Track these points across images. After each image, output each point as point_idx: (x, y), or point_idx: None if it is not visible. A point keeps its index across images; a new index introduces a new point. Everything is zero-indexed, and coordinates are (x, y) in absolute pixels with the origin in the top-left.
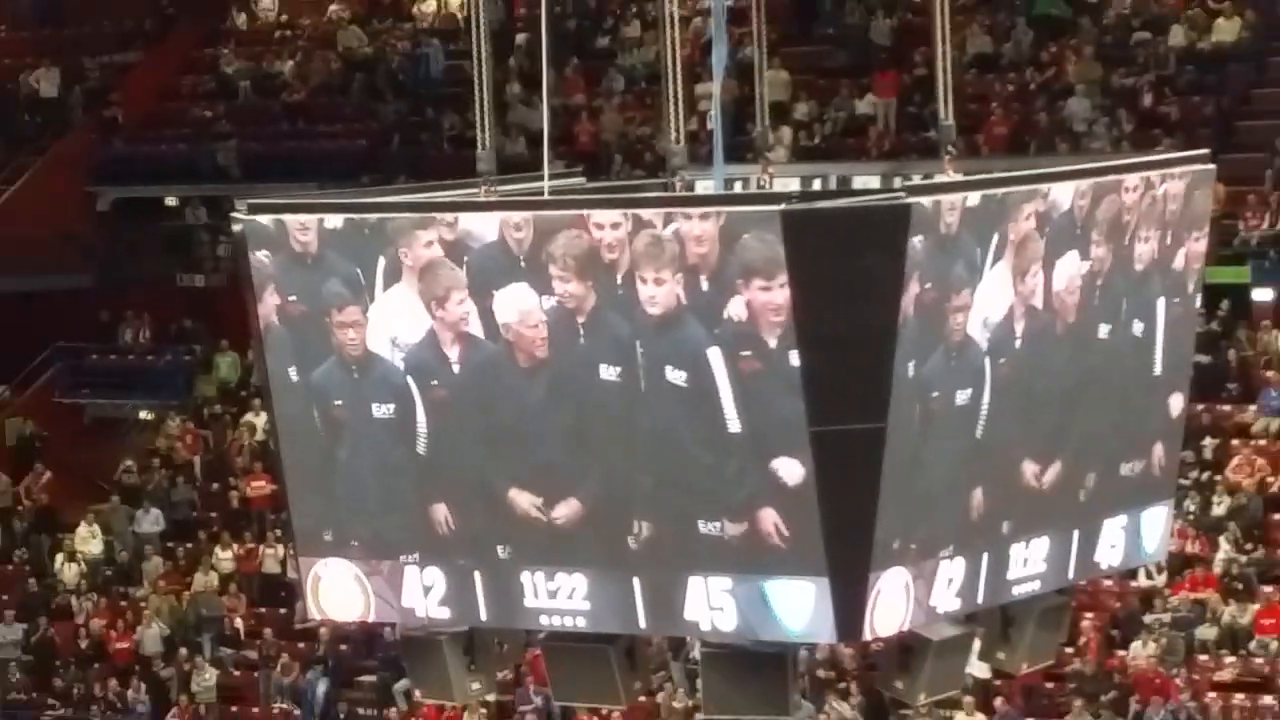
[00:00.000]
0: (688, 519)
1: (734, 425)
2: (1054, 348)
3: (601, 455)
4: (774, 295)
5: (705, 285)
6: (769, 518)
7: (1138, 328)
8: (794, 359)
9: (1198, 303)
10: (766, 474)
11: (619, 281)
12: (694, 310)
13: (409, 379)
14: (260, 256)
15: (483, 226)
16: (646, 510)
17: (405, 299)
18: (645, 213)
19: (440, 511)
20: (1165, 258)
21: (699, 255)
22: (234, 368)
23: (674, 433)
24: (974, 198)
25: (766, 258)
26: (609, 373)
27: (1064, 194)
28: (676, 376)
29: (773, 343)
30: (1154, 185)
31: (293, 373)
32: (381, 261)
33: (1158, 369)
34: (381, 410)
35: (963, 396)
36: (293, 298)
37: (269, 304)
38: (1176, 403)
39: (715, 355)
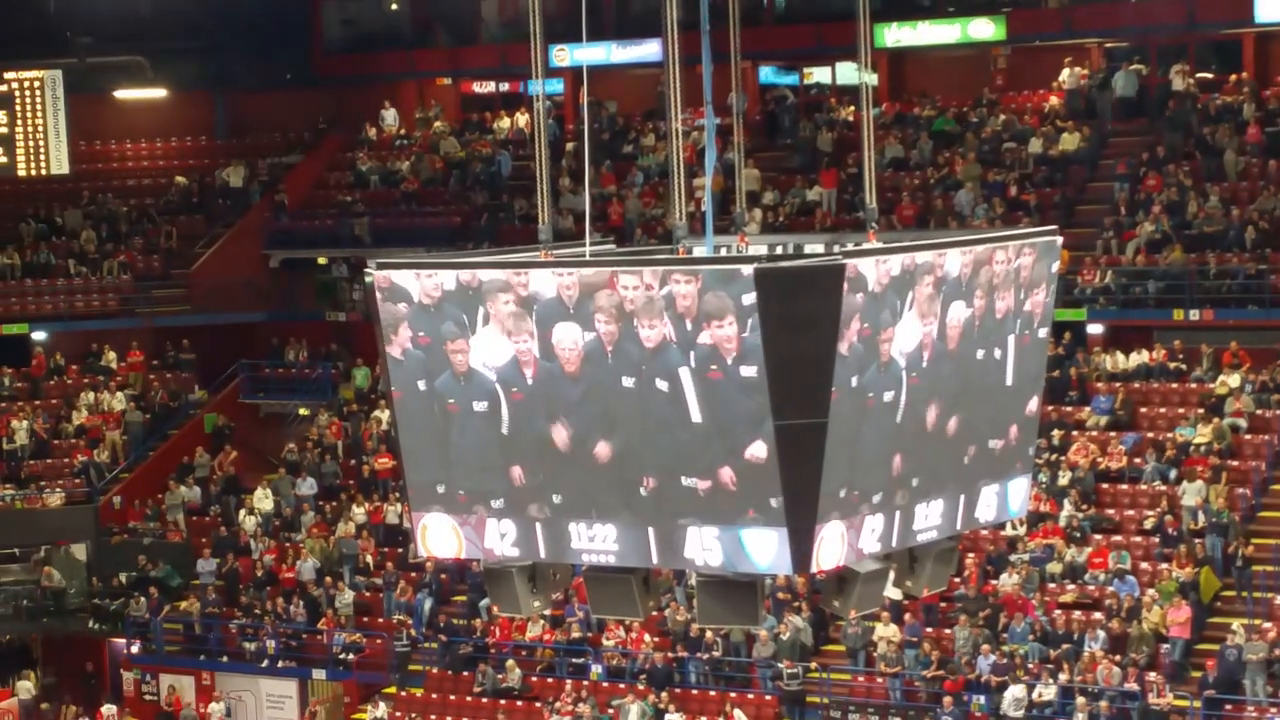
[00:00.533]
0: (675, 475)
1: (696, 417)
2: (945, 365)
3: (623, 433)
4: (725, 331)
5: (688, 325)
6: (726, 474)
7: (997, 353)
8: (744, 371)
9: (1045, 334)
10: (731, 451)
11: (633, 324)
12: (676, 342)
13: (496, 385)
14: (398, 307)
15: (545, 287)
16: (651, 469)
17: (494, 335)
18: (649, 276)
19: (516, 471)
20: (1018, 307)
21: (684, 307)
22: (366, 378)
23: (664, 420)
24: (895, 267)
25: (719, 307)
26: (628, 381)
27: (954, 264)
28: (662, 385)
29: (729, 361)
30: (1014, 257)
31: (421, 383)
32: (480, 310)
33: (1009, 380)
34: (479, 405)
35: (888, 395)
36: (422, 333)
37: (404, 336)
38: (1033, 404)
39: (685, 373)
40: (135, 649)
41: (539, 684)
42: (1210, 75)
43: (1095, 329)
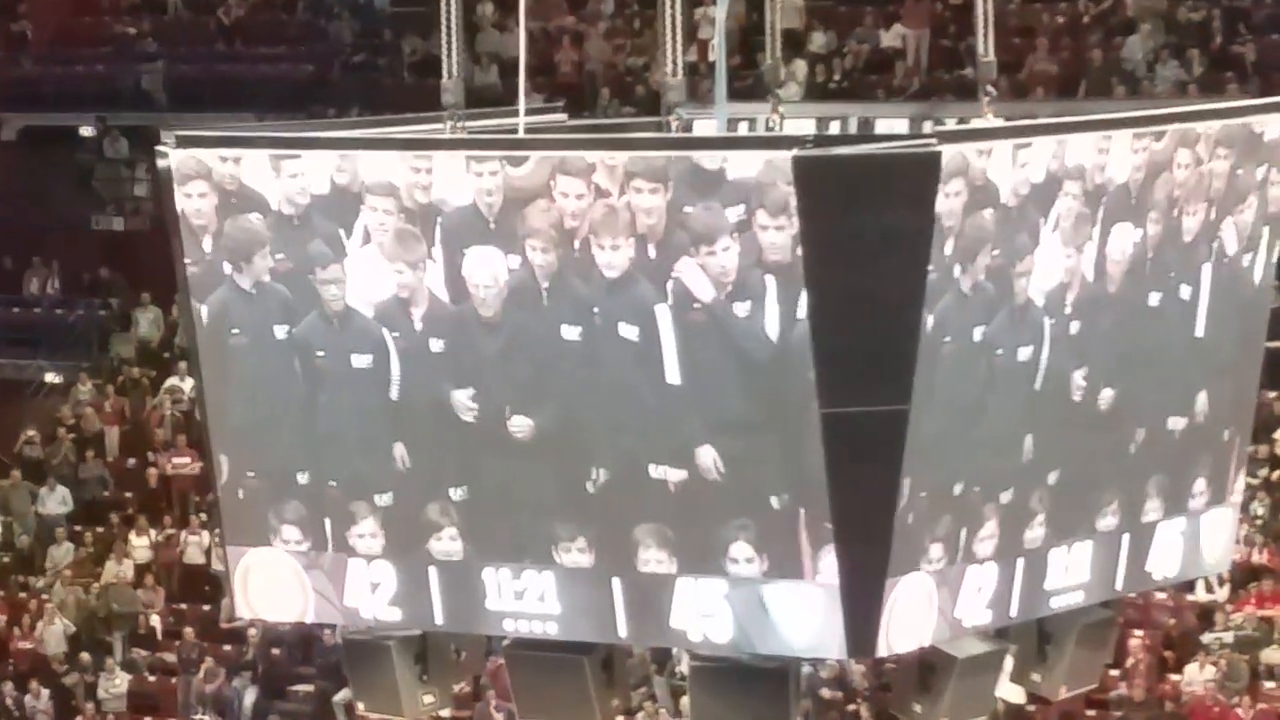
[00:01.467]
0: (642, 457)
1: (673, 377)
2: (1103, 314)
3: (560, 403)
4: (719, 259)
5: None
6: (707, 454)
7: (1184, 291)
8: (737, 310)
9: (1263, 274)
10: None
11: (576, 248)
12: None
13: (384, 332)
14: (249, 220)
15: (452, 191)
16: (603, 456)
17: (375, 259)
18: (604, 177)
19: (400, 449)
20: (1216, 227)
21: (648, 226)
22: (156, 325)
23: (625, 382)
24: (1037, 169)
25: (710, 225)
26: (570, 331)
27: (1121, 164)
28: (629, 331)
29: (720, 303)
30: (1212, 148)
31: (279, 330)
32: (360, 222)
33: (1200, 330)
34: (360, 360)
35: (1024, 353)
36: (281, 255)
37: (260, 265)
38: (1246, 382)
39: (663, 312)
40: None
41: None
42: None
43: None
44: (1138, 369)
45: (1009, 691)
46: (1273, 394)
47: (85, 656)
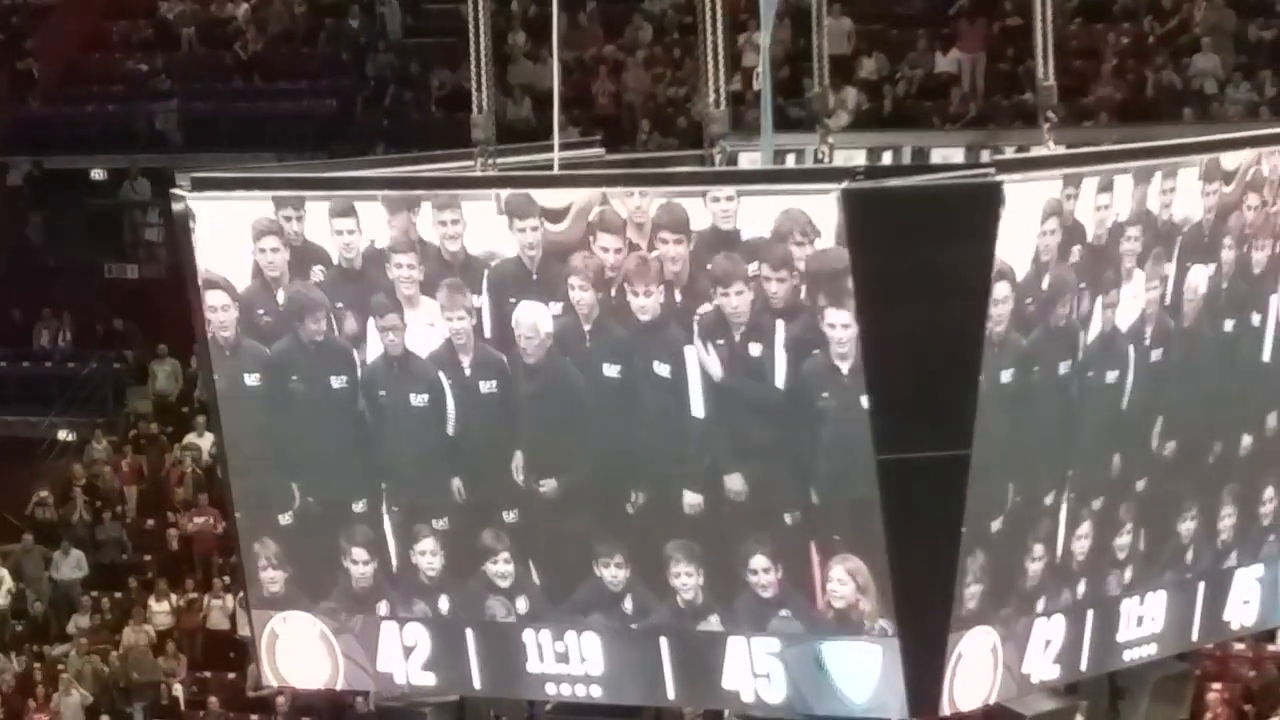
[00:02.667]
0: (674, 482)
1: (697, 410)
2: (1175, 348)
3: (601, 436)
4: (731, 301)
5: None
6: (735, 480)
7: (1255, 319)
8: (753, 350)
9: None
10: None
11: (613, 294)
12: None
13: (440, 374)
14: (310, 275)
15: (494, 241)
16: (639, 480)
17: (429, 308)
18: (634, 236)
19: (457, 483)
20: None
21: (674, 273)
22: (174, 378)
23: (661, 413)
24: (1123, 208)
25: (728, 271)
26: (611, 370)
27: (1190, 202)
28: (663, 370)
29: (736, 338)
30: (1269, 200)
31: (337, 380)
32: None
33: (1266, 355)
34: (418, 400)
35: (1111, 376)
36: (341, 304)
37: (312, 325)
38: None
39: (691, 353)
40: None
41: None
42: None
43: None
44: (1213, 390)
45: None
46: None
47: None
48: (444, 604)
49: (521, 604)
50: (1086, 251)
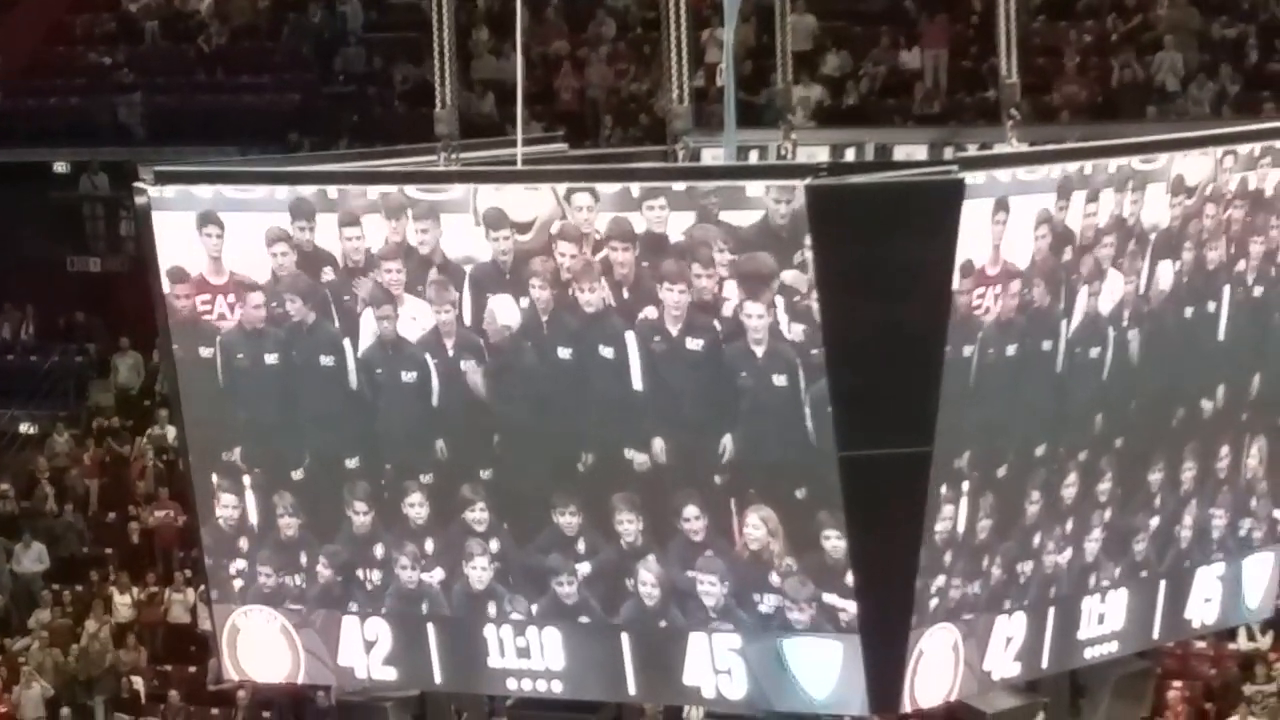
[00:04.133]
0: (617, 446)
1: (637, 385)
2: (1145, 325)
3: (558, 405)
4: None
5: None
6: (658, 444)
7: (1210, 306)
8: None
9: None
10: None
11: (567, 292)
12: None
13: (426, 356)
14: (321, 271)
15: (469, 246)
16: (589, 443)
17: (418, 303)
18: (587, 246)
19: (440, 444)
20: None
21: (622, 274)
22: (136, 371)
23: (608, 387)
24: (1103, 213)
25: (669, 271)
26: (564, 352)
27: (1158, 209)
28: (606, 352)
29: (675, 331)
30: (1244, 183)
31: (326, 359)
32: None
33: (1220, 335)
34: (407, 376)
35: (1094, 352)
36: (347, 297)
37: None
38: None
39: (631, 338)
40: None
41: None
42: None
43: None
44: (1175, 364)
45: None
46: None
47: (68, 715)
48: (430, 546)
49: (494, 544)
50: (1074, 251)
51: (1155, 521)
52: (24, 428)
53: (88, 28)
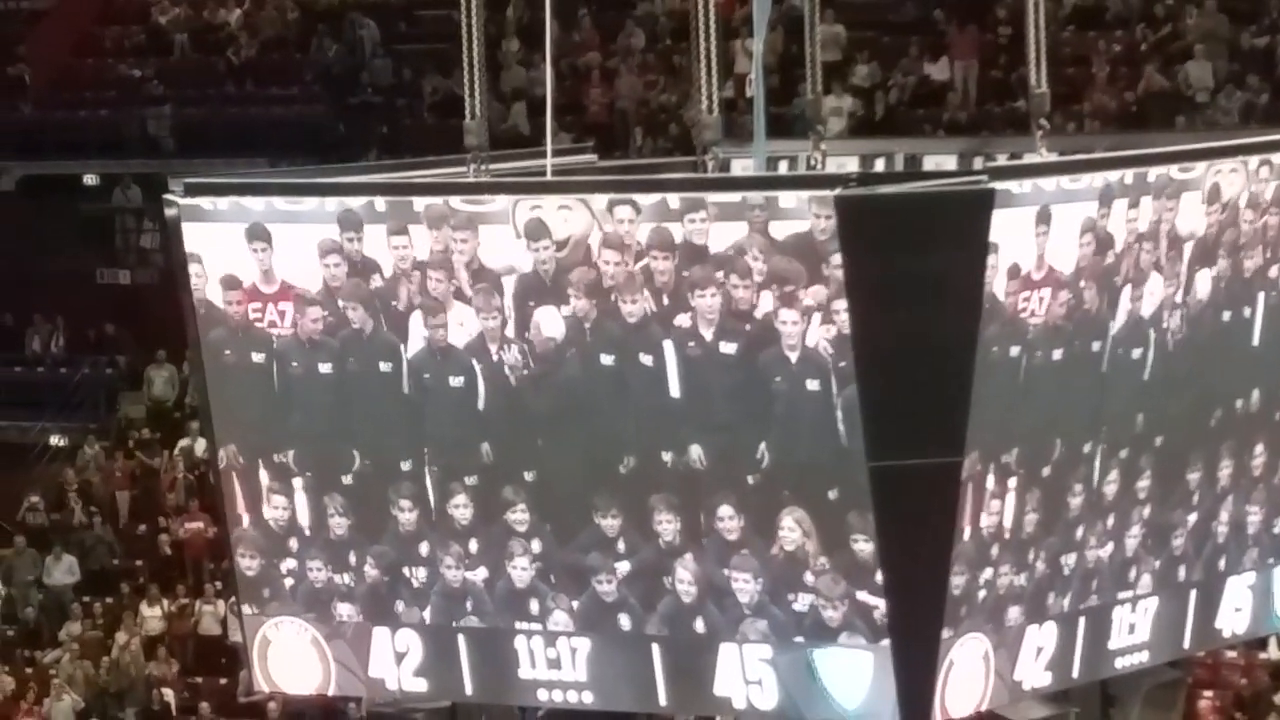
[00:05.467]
0: (656, 449)
1: (675, 391)
2: (1187, 329)
3: (600, 409)
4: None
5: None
6: (696, 449)
7: (1246, 311)
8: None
9: None
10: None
11: (609, 300)
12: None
13: (473, 361)
14: (368, 281)
15: (512, 256)
16: (629, 447)
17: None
18: (629, 255)
19: (486, 447)
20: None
21: (662, 283)
22: (171, 383)
23: (646, 392)
24: (1143, 219)
25: (703, 278)
26: (606, 359)
27: (1194, 217)
28: (646, 359)
29: (709, 336)
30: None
31: (385, 365)
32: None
33: (1256, 340)
34: (455, 381)
35: (1136, 353)
36: (395, 304)
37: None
38: None
39: (669, 345)
40: None
41: None
42: None
43: None
44: (1213, 366)
45: None
46: None
47: None
48: (473, 546)
49: (535, 544)
50: (1116, 257)
51: (1193, 518)
52: (54, 440)
53: (117, 40)
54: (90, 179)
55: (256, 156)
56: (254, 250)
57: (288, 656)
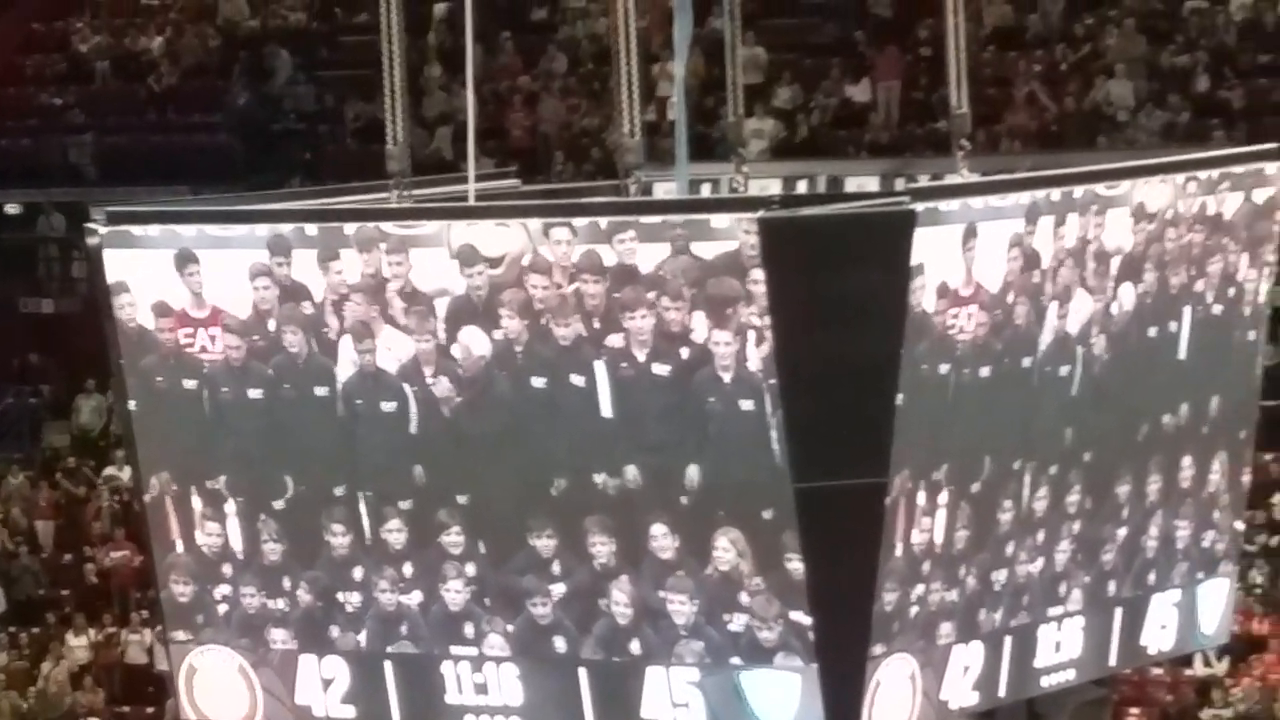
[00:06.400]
0: (588, 471)
1: (607, 412)
2: (1111, 346)
3: (531, 432)
4: (639, 323)
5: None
6: (631, 469)
7: (1171, 326)
8: (656, 369)
9: (1253, 334)
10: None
11: (540, 322)
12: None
13: (404, 385)
14: (299, 308)
15: (443, 278)
16: (561, 469)
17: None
18: (558, 277)
19: (419, 470)
20: (1202, 282)
21: (593, 305)
22: (98, 413)
23: (578, 414)
24: (1070, 242)
25: (634, 299)
26: (538, 382)
27: (1120, 232)
28: (578, 380)
29: (641, 357)
30: (1200, 206)
31: (321, 389)
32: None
33: (1182, 354)
34: (387, 406)
35: (1064, 370)
36: (326, 330)
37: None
38: (1234, 452)
39: (600, 367)
40: None
41: None
42: None
43: None
44: (1140, 381)
45: None
46: (1269, 456)
47: None
48: (408, 569)
49: (470, 568)
50: (1043, 274)
51: (1123, 532)
52: None
53: (38, 68)
54: (12, 208)
55: (179, 184)
56: (185, 275)
57: (214, 685)
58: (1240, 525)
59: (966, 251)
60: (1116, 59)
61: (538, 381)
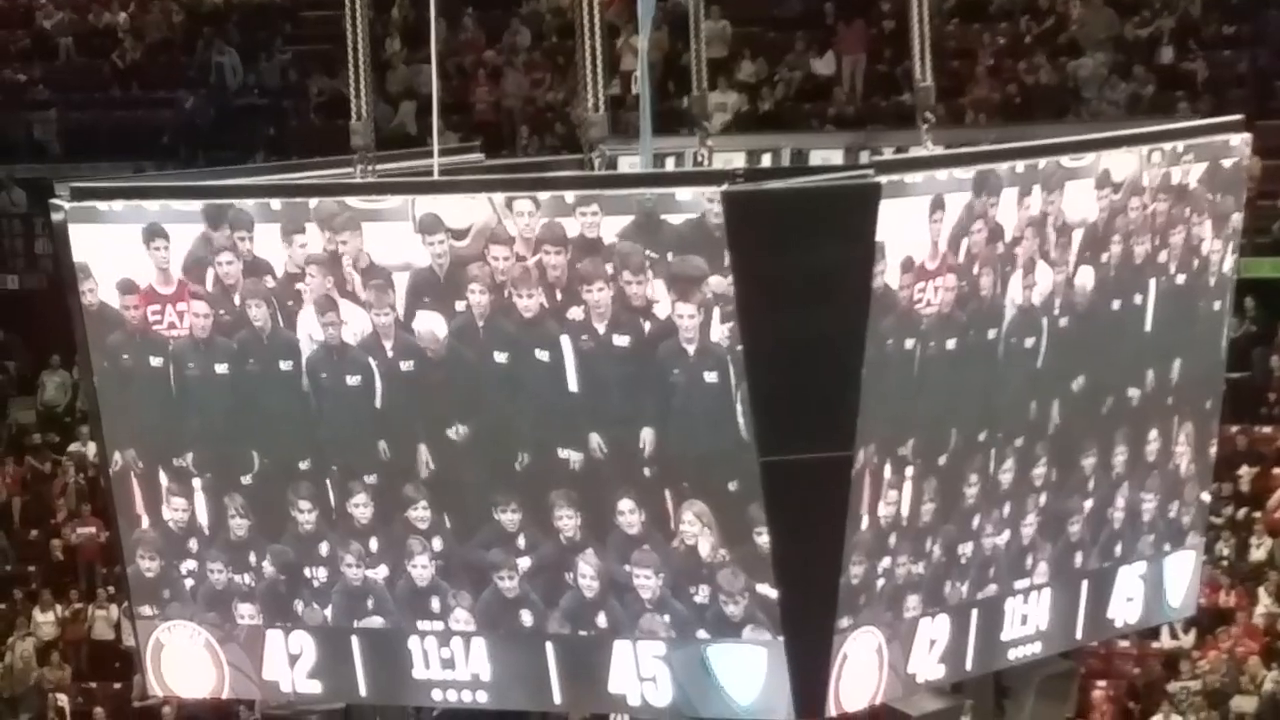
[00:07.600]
0: (552, 446)
1: (573, 386)
2: (1076, 321)
3: (495, 407)
4: (596, 296)
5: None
6: (595, 440)
7: (1137, 299)
8: (617, 340)
9: (1221, 304)
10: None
11: (505, 295)
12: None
13: (369, 359)
14: (261, 281)
15: (406, 252)
16: (525, 443)
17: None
18: (521, 249)
19: (383, 445)
20: (1167, 251)
21: (555, 278)
22: (63, 389)
23: (543, 388)
24: (1034, 203)
25: (591, 272)
26: (500, 356)
27: (1083, 202)
28: (542, 355)
29: (601, 329)
30: (1166, 176)
31: (285, 364)
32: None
33: (1148, 326)
34: (352, 380)
35: (1029, 342)
36: (291, 302)
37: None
38: (1206, 410)
39: (565, 341)
40: None
41: None
42: None
43: None
44: (1106, 353)
45: None
46: (1235, 428)
47: None
48: (374, 544)
49: (436, 542)
50: (1007, 245)
51: (1089, 504)
52: None
53: (2, 44)
54: None
55: (144, 159)
56: (152, 250)
57: (181, 660)
58: (1207, 497)
59: (933, 224)
60: (1081, 31)
61: (500, 356)
